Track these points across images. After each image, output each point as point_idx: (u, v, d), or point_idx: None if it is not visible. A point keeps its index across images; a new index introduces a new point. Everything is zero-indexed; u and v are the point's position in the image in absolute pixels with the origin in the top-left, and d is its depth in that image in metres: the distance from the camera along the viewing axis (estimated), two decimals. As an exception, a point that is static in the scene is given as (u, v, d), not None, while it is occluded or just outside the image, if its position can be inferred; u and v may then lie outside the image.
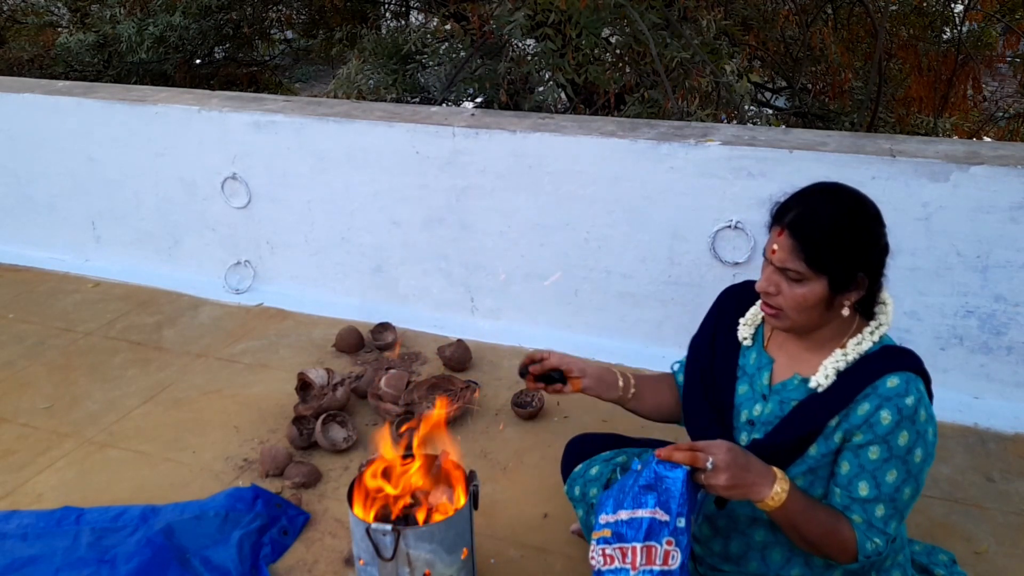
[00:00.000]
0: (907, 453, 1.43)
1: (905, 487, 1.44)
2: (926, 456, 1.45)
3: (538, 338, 3.06)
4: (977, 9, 5.24)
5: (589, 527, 1.84)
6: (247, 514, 2.15)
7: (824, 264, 1.43)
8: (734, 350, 1.67)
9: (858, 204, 1.48)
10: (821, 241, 1.43)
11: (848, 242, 1.44)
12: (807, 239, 1.43)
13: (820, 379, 1.51)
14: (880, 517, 1.45)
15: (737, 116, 4.21)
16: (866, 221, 1.47)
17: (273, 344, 3.13)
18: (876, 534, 1.45)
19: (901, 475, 1.44)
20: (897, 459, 1.43)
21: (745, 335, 1.66)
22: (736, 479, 1.40)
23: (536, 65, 4.01)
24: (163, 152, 3.51)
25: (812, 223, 1.44)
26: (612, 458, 1.87)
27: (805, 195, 1.49)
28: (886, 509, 1.45)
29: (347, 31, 5.42)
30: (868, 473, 1.44)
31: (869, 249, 1.46)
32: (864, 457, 1.45)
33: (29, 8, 6.97)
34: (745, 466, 1.42)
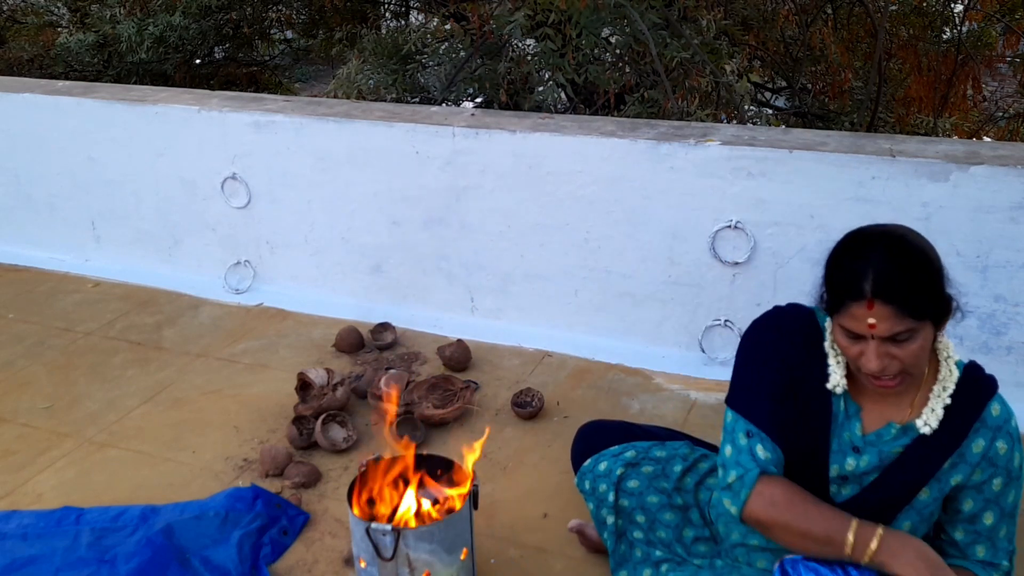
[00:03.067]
0: (1020, 472, 1.46)
1: (1019, 501, 1.47)
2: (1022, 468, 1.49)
3: (538, 338, 3.06)
4: (977, 9, 5.24)
5: (600, 520, 1.87)
6: (247, 514, 2.15)
7: (925, 309, 1.36)
8: (825, 397, 1.51)
9: (908, 234, 1.42)
10: (912, 291, 1.34)
11: (932, 273, 1.38)
12: (900, 297, 1.34)
13: (930, 421, 1.43)
14: (1004, 536, 1.48)
15: (737, 116, 4.21)
16: (925, 243, 1.41)
17: (273, 344, 3.13)
18: (1001, 557, 1.47)
19: (1017, 492, 1.47)
20: (1015, 480, 1.46)
21: (840, 385, 1.50)
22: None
23: (536, 65, 4.01)
24: (163, 152, 3.51)
25: (894, 279, 1.34)
26: (620, 453, 1.89)
27: (857, 254, 1.39)
28: (1007, 527, 1.47)
29: (347, 31, 5.41)
30: (993, 503, 1.45)
31: (942, 268, 1.41)
32: (989, 491, 1.45)
33: (29, 8, 6.96)
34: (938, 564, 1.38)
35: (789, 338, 1.56)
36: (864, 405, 1.51)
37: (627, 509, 1.82)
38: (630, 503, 1.82)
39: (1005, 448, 1.43)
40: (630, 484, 1.83)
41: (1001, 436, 1.43)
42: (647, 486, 1.82)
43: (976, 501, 1.46)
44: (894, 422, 1.48)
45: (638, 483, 1.83)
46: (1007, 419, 1.45)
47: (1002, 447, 1.43)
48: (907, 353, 1.37)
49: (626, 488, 1.83)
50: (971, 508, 1.47)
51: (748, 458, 1.51)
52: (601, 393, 2.76)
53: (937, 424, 1.44)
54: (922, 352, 1.38)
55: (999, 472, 1.44)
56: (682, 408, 2.67)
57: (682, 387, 2.78)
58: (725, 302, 2.83)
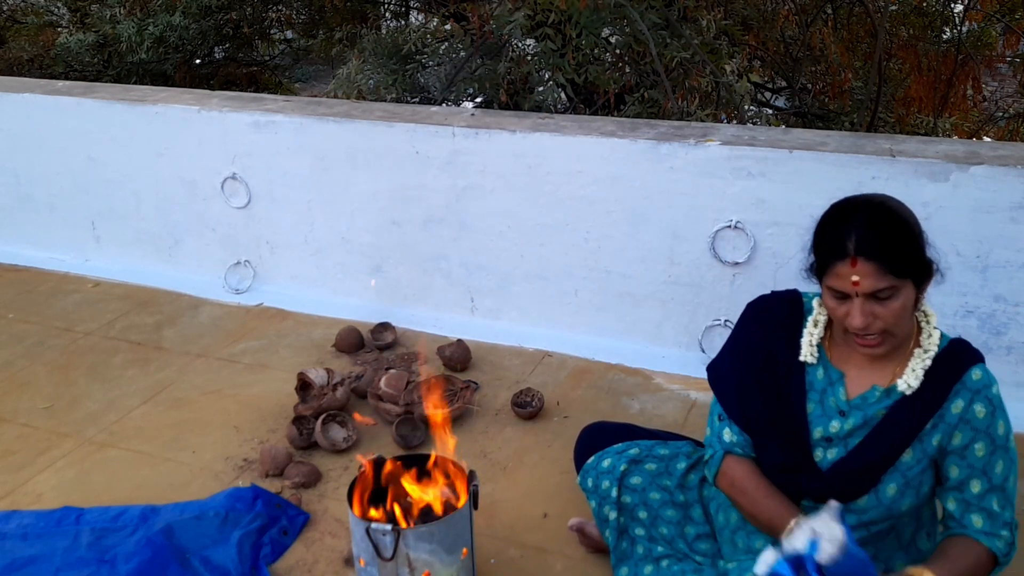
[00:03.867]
0: (1006, 441, 1.47)
1: (1010, 475, 1.48)
2: (1013, 443, 1.49)
3: (538, 338, 3.06)
4: (977, 9, 5.24)
5: (602, 517, 1.88)
6: (247, 514, 2.15)
7: (907, 267, 1.42)
8: (798, 369, 1.60)
9: (888, 200, 1.48)
10: (895, 248, 1.41)
11: (912, 236, 1.44)
12: (883, 253, 1.40)
13: (911, 381, 1.48)
14: (998, 507, 1.47)
15: (737, 116, 4.21)
16: (905, 209, 1.48)
17: (273, 344, 3.13)
18: (999, 527, 1.47)
19: (1007, 464, 1.47)
20: (1000, 449, 1.47)
21: (810, 356, 1.59)
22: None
23: (536, 65, 4.01)
24: (163, 152, 3.51)
25: (877, 237, 1.41)
26: (624, 451, 1.90)
27: (842, 219, 1.46)
28: (999, 499, 1.47)
29: (347, 31, 5.41)
30: (979, 471, 1.47)
31: (922, 232, 1.47)
32: (972, 457, 1.47)
33: (29, 8, 6.96)
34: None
35: (771, 318, 1.66)
36: (848, 371, 1.57)
37: (629, 506, 1.83)
38: (632, 499, 1.83)
39: (983, 412, 1.45)
40: (633, 481, 1.84)
41: (979, 399, 1.46)
42: (650, 483, 1.83)
43: (960, 468, 1.48)
44: (878, 385, 1.53)
45: (641, 480, 1.83)
46: (987, 384, 1.47)
47: (980, 410, 1.46)
48: (889, 311, 1.43)
49: (629, 484, 1.84)
50: (957, 475, 1.49)
51: (716, 440, 1.69)
52: (601, 393, 2.76)
53: (917, 384, 1.48)
54: (903, 312, 1.44)
55: (979, 436, 1.46)
56: (682, 408, 2.67)
57: (682, 387, 2.78)
58: (725, 302, 2.83)
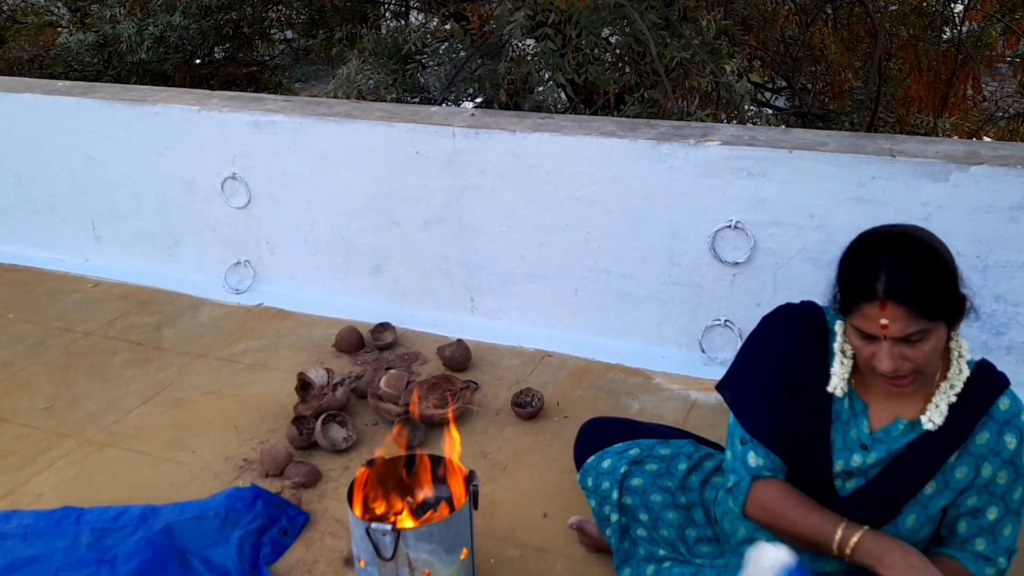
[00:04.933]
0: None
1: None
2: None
3: (538, 338, 3.06)
4: (977, 9, 5.24)
5: (602, 517, 1.88)
6: (247, 514, 2.15)
7: (938, 309, 1.35)
8: (825, 398, 1.53)
9: (921, 234, 1.42)
10: (925, 292, 1.34)
11: (945, 274, 1.38)
12: (914, 298, 1.33)
13: (935, 418, 1.43)
14: (1008, 536, 1.45)
15: (737, 116, 4.21)
16: (939, 244, 1.41)
17: (273, 344, 3.13)
18: (999, 553, 1.45)
19: (1023, 489, 1.45)
20: (1023, 477, 1.44)
21: (840, 388, 1.52)
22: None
23: (536, 65, 4.01)
24: (163, 152, 3.51)
25: (907, 280, 1.34)
26: (624, 451, 1.89)
27: (870, 255, 1.39)
28: (1012, 524, 1.45)
29: (347, 31, 5.41)
30: (998, 498, 1.44)
31: (956, 268, 1.40)
32: (994, 485, 1.44)
33: (29, 8, 6.96)
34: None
35: (795, 338, 1.57)
36: (871, 402, 1.51)
37: (630, 507, 1.82)
38: (633, 501, 1.82)
39: (1014, 443, 1.42)
40: (634, 482, 1.83)
41: (1009, 430, 1.42)
42: (651, 484, 1.82)
43: (981, 496, 1.45)
44: (901, 418, 1.49)
45: (642, 481, 1.83)
46: (1016, 413, 1.43)
47: (1011, 441, 1.42)
48: (920, 354, 1.37)
49: (630, 486, 1.83)
50: (975, 503, 1.45)
51: (741, 465, 1.58)
52: (601, 393, 2.76)
53: (942, 421, 1.44)
54: (935, 352, 1.38)
55: (1006, 466, 1.43)
56: (682, 408, 2.67)
57: (682, 387, 2.78)
58: (725, 302, 2.83)
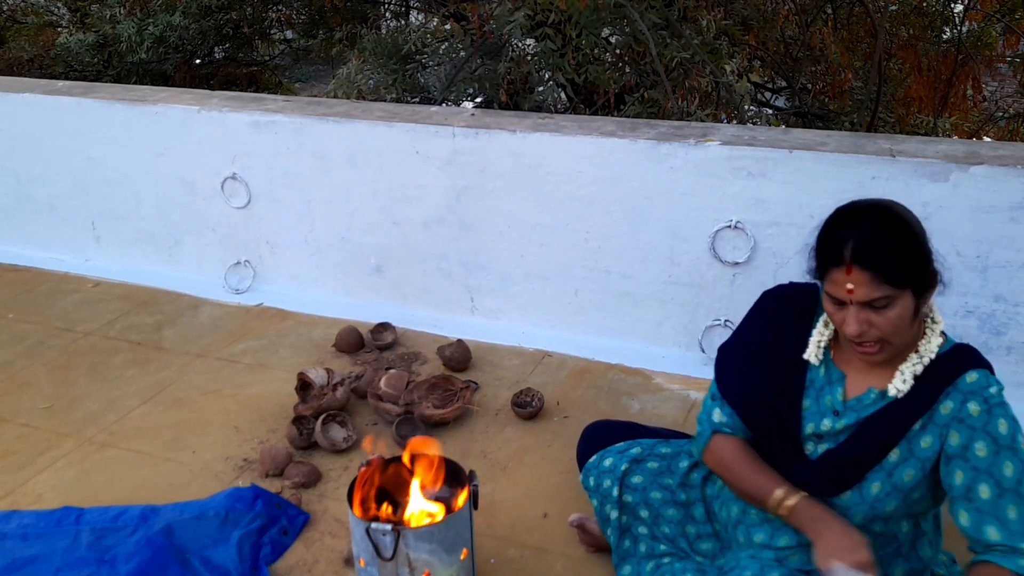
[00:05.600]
0: (1012, 442, 1.40)
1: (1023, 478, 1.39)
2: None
3: (538, 338, 3.06)
4: (977, 9, 5.24)
5: (603, 516, 1.88)
6: (247, 514, 2.15)
7: (905, 276, 1.40)
8: (800, 365, 1.61)
9: (894, 206, 1.46)
10: (892, 256, 1.39)
11: (913, 244, 1.42)
12: (879, 262, 1.38)
13: (898, 385, 1.48)
14: (1016, 518, 1.38)
15: (737, 116, 4.22)
16: (910, 216, 1.45)
17: (273, 344, 3.13)
18: (1017, 539, 1.38)
19: (1017, 466, 1.39)
20: (1007, 449, 1.40)
21: (815, 355, 1.59)
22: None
23: (536, 65, 4.01)
24: (163, 152, 3.51)
25: (874, 245, 1.39)
26: (626, 450, 1.90)
27: (844, 224, 1.44)
28: (1015, 505, 1.38)
29: (347, 31, 5.42)
30: (984, 472, 1.40)
31: (926, 241, 1.44)
32: (974, 458, 1.41)
33: (29, 8, 6.96)
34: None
35: (783, 310, 1.66)
36: (848, 373, 1.57)
37: (631, 505, 1.83)
38: (634, 499, 1.83)
39: (978, 410, 1.41)
40: (634, 480, 1.84)
41: (972, 399, 1.42)
42: (651, 482, 1.83)
43: (965, 471, 1.42)
44: (874, 387, 1.53)
45: (642, 479, 1.84)
46: (984, 386, 1.43)
47: (974, 408, 1.41)
48: (885, 320, 1.41)
49: (630, 484, 1.84)
50: (963, 480, 1.42)
51: (706, 418, 1.71)
52: (601, 393, 2.76)
53: (906, 388, 1.48)
54: (900, 321, 1.42)
55: (978, 435, 1.40)
56: (682, 408, 2.67)
57: (682, 387, 2.78)
58: (725, 302, 2.83)
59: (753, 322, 1.71)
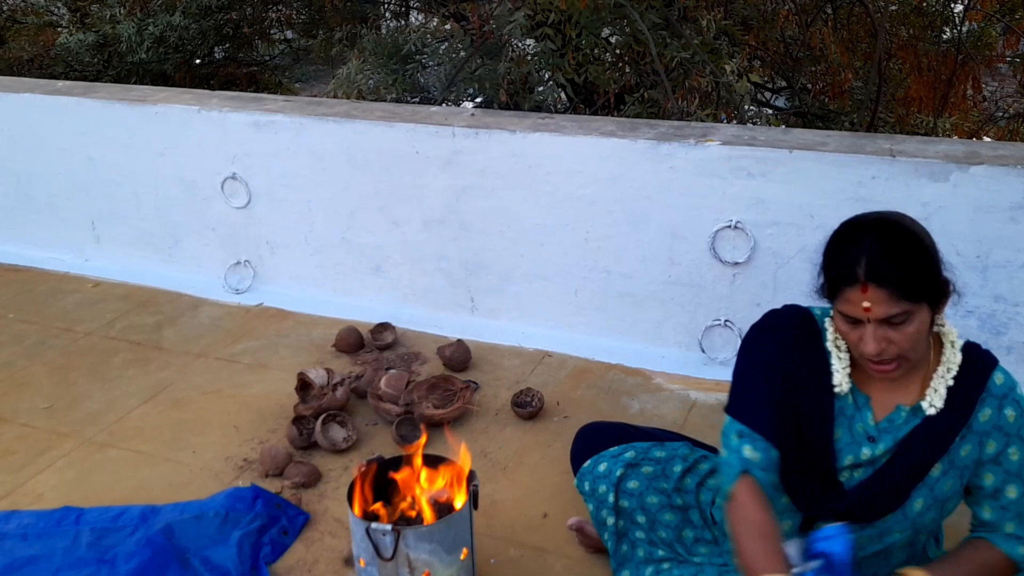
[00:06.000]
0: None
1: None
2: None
3: (538, 338, 3.06)
4: (977, 9, 5.24)
5: (600, 521, 1.88)
6: (247, 514, 2.15)
7: (920, 290, 1.38)
8: (827, 396, 1.53)
9: (902, 219, 1.44)
10: (907, 272, 1.36)
11: (925, 257, 1.40)
12: (895, 278, 1.36)
13: (935, 402, 1.45)
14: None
15: (737, 116, 4.21)
16: (919, 228, 1.43)
17: (273, 344, 3.13)
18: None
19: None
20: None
21: (841, 384, 1.52)
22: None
23: (536, 65, 4.01)
24: (163, 152, 3.51)
25: (888, 261, 1.36)
26: (620, 454, 1.90)
27: (851, 241, 1.41)
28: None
29: (347, 31, 5.41)
30: (1014, 475, 1.45)
31: (937, 252, 1.43)
32: (1007, 462, 1.45)
33: (29, 8, 6.96)
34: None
35: (786, 340, 1.57)
36: (873, 394, 1.52)
37: (627, 510, 1.83)
38: (630, 504, 1.82)
39: (1014, 415, 1.44)
40: (630, 485, 1.83)
41: (1008, 403, 1.44)
42: (647, 487, 1.82)
43: (996, 474, 1.45)
44: (902, 405, 1.50)
45: (638, 484, 1.83)
46: (1012, 387, 1.46)
47: (1011, 414, 1.44)
48: (904, 336, 1.39)
49: (626, 489, 1.83)
50: (992, 483, 1.46)
51: (735, 457, 1.54)
52: (601, 393, 2.76)
53: (942, 404, 1.45)
54: (918, 335, 1.40)
55: (1013, 440, 1.44)
56: (682, 408, 2.67)
57: (682, 387, 2.78)
58: (725, 302, 2.83)
59: (759, 353, 1.61)
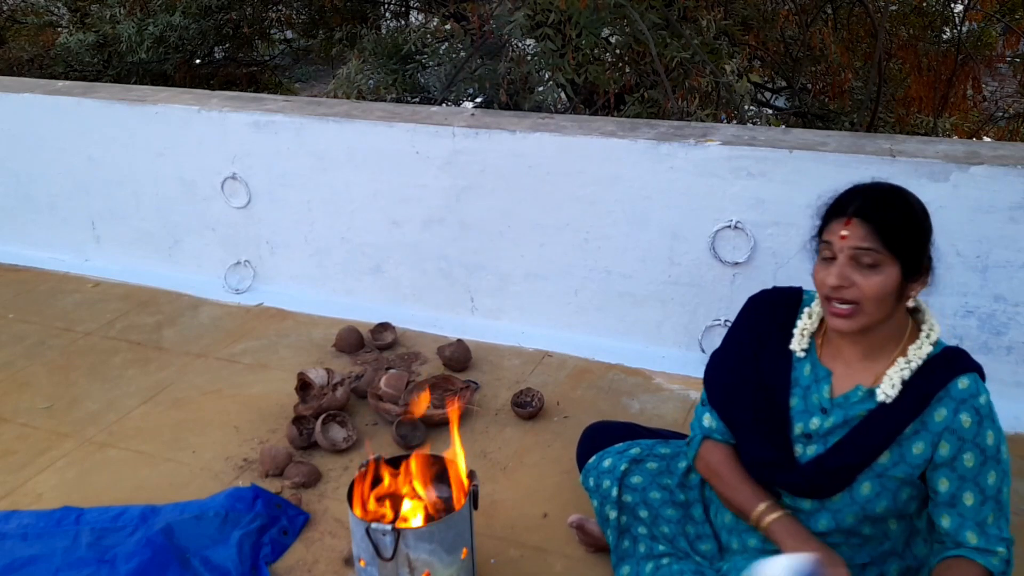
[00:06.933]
0: (997, 452, 1.45)
1: (1003, 487, 1.46)
2: (1007, 453, 1.47)
3: (538, 338, 3.06)
4: (977, 9, 5.24)
5: (603, 516, 1.88)
6: (247, 514, 2.15)
7: (898, 244, 1.41)
8: (785, 362, 1.61)
9: (907, 191, 1.49)
10: (893, 221, 1.41)
11: (916, 222, 1.44)
12: (879, 220, 1.41)
13: (887, 390, 1.48)
14: (992, 523, 1.45)
15: (737, 116, 4.21)
16: (916, 200, 1.48)
17: (273, 344, 3.13)
18: (994, 543, 1.44)
19: (999, 475, 1.45)
20: (991, 460, 1.45)
21: (800, 346, 1.60)
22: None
23: (536, 65, 4.01)
24: (163, 152, 3.51)
25: (880, 206, 1.42)
26: (625, 450, 1.91)
27: (857, 190, 1.47)
28: (993, 512, 1.45)
29: (347, 31, 5.42)
30: (970, 482, 1.45)
31: (929, 232, 1.46)
32: (961, 467, 1.45)
33: (29, 8, 6.97)
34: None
35: (765, 312, 1.68)
36: (835, 370, 1.56)
37: (630, 505, 1.83)
38: (633, 499, 1.83)
39: (969, 421, 1.44)
40: (633, 480, 1.84)
41: (965, 408, 1.44)
42: (650, 482, 1.83)
43: (951, 480, 1.46)
44: (861, 385, 1.53)
45: (641, 479, 1.84)
46: (974, 394, 1.45)
47: (965, 419, 1.44)
48: (867, 283, 1.42)
49: (629, 484, 1.84)
50: (948, 488, 1.46)
51: (698, 424, 1.74)
52: (601, 393, 2.76)
53: (895, 393, 1.48)
54: (881, 289, 1.42)
55: (967, 447, 1.44)
56: (682, 408, 2.67)
57: (682, 387, 2.78)
58: (725, 302, 2.83)
59: (737, 326, 1.73)
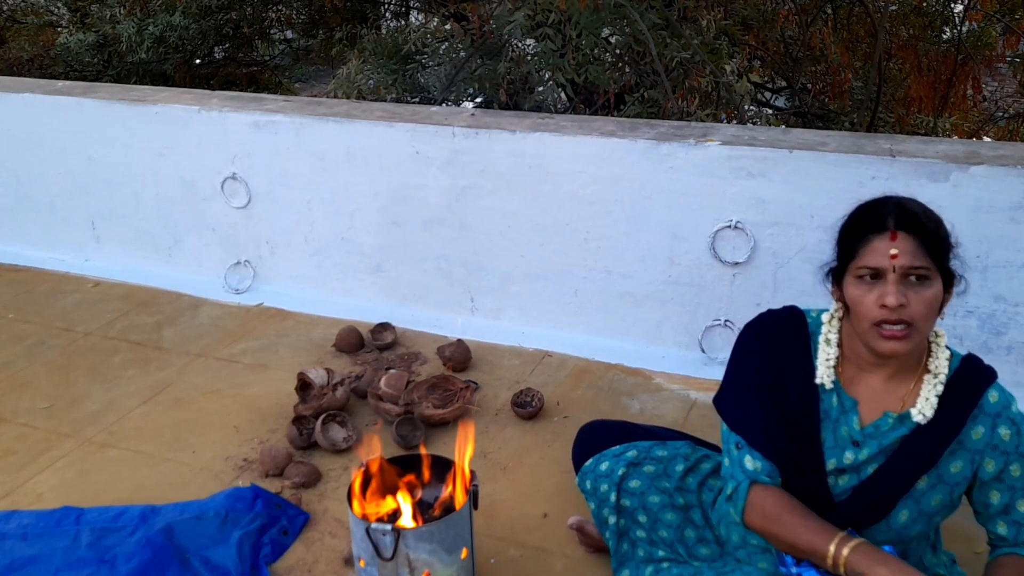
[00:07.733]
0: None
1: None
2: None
3: (538, 338, 3.06)
4: (977, 9, 5.24)
5: (601, 519, 1.87)
6: (247, 514, 2.15)
7: (942, 255, 1.39)
8: (812, 396, 1.52)
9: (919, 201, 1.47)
10: (933, 228, 1.38)
11: (947, 231, 1.42)
12: (923, 230, 1.36)
13: (924, 411, 1.44)
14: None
15: (737, 116, 4.21)
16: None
17: (273, 344, 3.13)
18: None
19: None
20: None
21: (828, 379, 1.51)
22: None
23: (536, 65, 4.01)
24: (163, 152, 3.51)
25: (917, 216, 1.37)
26: (622, 453, 1.89)
27: (879, 203, 1.42)
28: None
29: (347, 31, 5.42)
30: (1020, 490, 1.45)
31: (951, 235, 1.44)
32: (1009, 479, 1.45)
33: (29, 8, 6.97)
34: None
35: (776, 341, 1.58)
36: (860, 398, 1.52)
37: (629, 509, 1.82)
38: (632, 503, 1.82)
39: (1009, 434, 1.44)
40: (632, 484, 1.83)
41: (1002, 422, 1.44)
42: (648, 486, 1.82)
43: (1002, 492, 1.46)
44: (890, 412, 1.49)
45: (640, 483, 1.83)
46: (1006, 405, 1.45)
47: (1005, 433, 1.43)
48: (921, 300, 1.37)
49: (628, 488, 1.83)
50: (1000, 500, 1.46)
51: (739, 470, 1.56)
52: (601, 393, 2.76)
53: (932, 413, 1.44)
54: (933, 305, 1.39)
55: (1012, 458, 1.44)
56: (682, 408, 2.67)
57: (682, 387, 2.78)
58: (725, 302, 2.83)
59: (748, 357, 1.61)
